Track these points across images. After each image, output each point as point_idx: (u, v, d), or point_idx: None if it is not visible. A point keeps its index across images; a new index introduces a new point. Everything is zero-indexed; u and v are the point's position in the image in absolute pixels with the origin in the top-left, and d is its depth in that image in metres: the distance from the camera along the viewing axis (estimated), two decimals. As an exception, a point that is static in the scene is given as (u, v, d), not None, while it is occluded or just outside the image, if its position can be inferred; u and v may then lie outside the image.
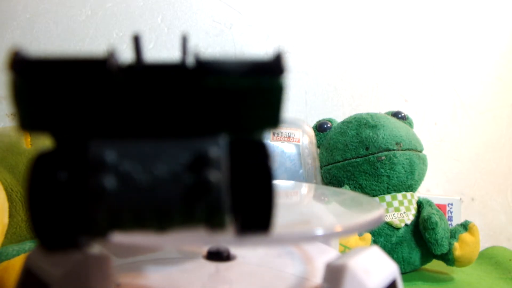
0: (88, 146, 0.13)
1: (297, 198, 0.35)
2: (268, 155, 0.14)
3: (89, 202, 0.13)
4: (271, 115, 0.14)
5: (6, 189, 0.38)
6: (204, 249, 0.27)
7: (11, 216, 0.38)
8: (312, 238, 0.20)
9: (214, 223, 0.14)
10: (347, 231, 0.19)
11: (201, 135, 0.14)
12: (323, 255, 0.28)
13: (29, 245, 0.36)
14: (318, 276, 0.25)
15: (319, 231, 0.18)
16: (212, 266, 0.25)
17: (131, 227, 0.14)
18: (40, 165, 0.14)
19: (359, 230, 0.22)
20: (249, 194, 0.14)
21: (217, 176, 0.13)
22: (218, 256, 0.26)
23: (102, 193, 0.13)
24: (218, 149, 0.14)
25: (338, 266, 0.19)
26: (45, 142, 0.42)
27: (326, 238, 0.31)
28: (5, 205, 0.37)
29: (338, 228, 0.18)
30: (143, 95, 0.13)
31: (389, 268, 0.21)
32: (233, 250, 0.27)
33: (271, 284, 0.24)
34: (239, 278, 0.24)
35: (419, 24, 0.74)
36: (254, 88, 0.13)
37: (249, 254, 0.27)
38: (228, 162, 0.14)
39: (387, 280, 0.21)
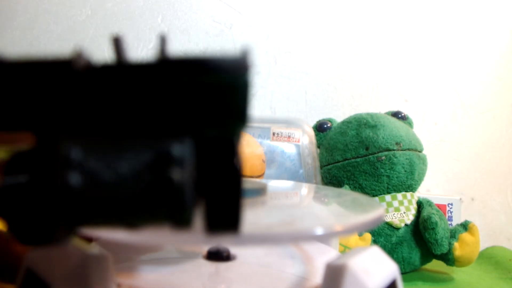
0: (56, 144, 0.14)
1: (297, 198, 0.35)
2: (236, 153, 0.15)
3: (56, 198, 0.13)
4: (237, 112, 0.14)
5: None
6: (204, 249, 0.27)
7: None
8: (312, 237, 0.20)
9: (178, 221, 0.14)
10: (347, 231, 0.19)
11: (168, 134, 0.14)
12: (323, 255, 0.28)
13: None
14: (318, 276, 0.25)
15: (319, 231, 0.18)
16: (212, 266, 0.25)
17: (98, 223, 0.14)
18: (12, 163, 0.14)
19: (359, 230, 0.22)
20: (216, 193, 0.14)
21: (180, 174, 0.13)
22: (218, 256, 0.26)
23: (67, 190, 0.13)
24: (181, 148, 0.14)
25: (338, 266, 0.19)
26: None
27: (326, 238, 0.31)
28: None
29: (338, 228, 0.18)
30: (110, 94, 0.14)
31: (389, 268, 0.21)
32: (233, 250, 0.27)
33: (271, 284, 0.24)
34: (239, 278, 0.24)
35: (419, 24, 0.74)
36: (220, 86, 0.14)
37: (249, 254, 0.27)
38: (195, 161, 0.14)
39: (387, 280, 0.21)
